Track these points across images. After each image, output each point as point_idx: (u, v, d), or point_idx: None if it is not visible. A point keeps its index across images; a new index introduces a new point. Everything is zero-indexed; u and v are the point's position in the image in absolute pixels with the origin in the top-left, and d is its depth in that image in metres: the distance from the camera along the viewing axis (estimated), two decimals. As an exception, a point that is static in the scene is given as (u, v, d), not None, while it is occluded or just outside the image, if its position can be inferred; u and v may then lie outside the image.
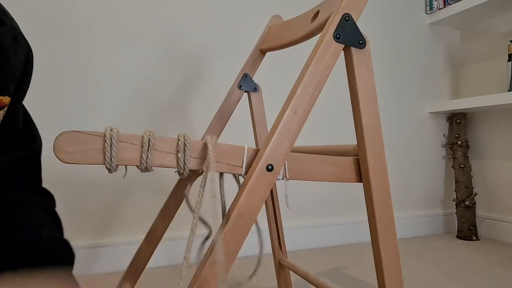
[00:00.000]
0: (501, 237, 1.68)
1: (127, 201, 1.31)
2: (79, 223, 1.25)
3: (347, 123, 1.62)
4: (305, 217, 1.57)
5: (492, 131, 1.76)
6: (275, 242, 0.95)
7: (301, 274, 0.84)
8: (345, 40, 0.52)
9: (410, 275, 1.22)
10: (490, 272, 1.25)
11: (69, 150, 0.40)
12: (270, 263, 1.03)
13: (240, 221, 0.46)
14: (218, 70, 1.44)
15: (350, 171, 0.56)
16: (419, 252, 1.50)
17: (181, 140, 0.46)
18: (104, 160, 0.42)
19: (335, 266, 1.32)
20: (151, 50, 1.36)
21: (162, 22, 1.37)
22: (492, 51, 1.77)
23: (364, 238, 1.62)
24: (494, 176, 1.75)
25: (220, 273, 0.42)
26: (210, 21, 1.44)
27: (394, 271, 0.55)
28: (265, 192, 0.47)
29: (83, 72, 1.26)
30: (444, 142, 1.88)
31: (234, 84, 0.87)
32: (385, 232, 0.54)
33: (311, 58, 0.50)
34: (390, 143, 1.75)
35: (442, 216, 1.86)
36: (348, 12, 0.51)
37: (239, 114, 0.94)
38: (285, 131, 0.48)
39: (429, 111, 1.85)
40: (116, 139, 0.42)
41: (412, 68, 1.83)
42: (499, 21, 1.74)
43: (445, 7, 1.77)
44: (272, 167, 0.47)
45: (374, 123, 0.54)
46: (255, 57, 0.87)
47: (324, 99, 1.58)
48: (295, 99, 0.49)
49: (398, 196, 1.76)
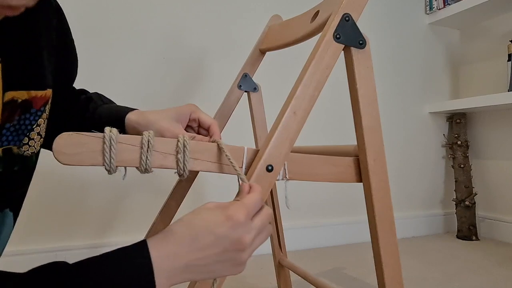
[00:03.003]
0: (500, 237, 1.68)
1: (127, 201, 1.31)
2: (79, 223, 1.25)
3: (347, 123, 1.62)
4: (305, 217, 1.57)
5: (492, 131, 1.76)
6: (275, 242, 0.95)
7: (301, 274, 0.84)
8: (345, 40, 0.52)
9: (410, 275, 1.22)
10: (490, 272, 1.25)
11: (68, 152, 0.40)
12: (270, 263, 1.03)
13: (240, 222, 0.45)
14: (217, 70, 1.44)
15: (350, 171, 0.56)
16: (419, 252, 1.50)
17: (181, 141, 0.46)
18: (103, 162, 0.42)
19: (335, 266, 1.32)
20: (151, 50, 1.36)
21: (162, 22, 1.37)
22: (492, 51, 1.77)
23: (364, 238, 1.61)
24: (493, 176, 1.75)
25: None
26: (209, 21, 1.44)
27: (394, 271, 0.55)
28: (265, 193, 0.47)
29: (83, 72, 1.26)
30: (444, 142, 1.88)
31: (234, 84, 0.87)
32: (385, 232, 0.54)
33: (311, 58, 0.50)
34: (390, 143, 1.75)
35: (442, 216, 1.86)
36: (348, 12, 0.51)
37: (239, 114, 0.94)
38: (285, 132, 0.48)
39: (429, 111, 1.85)
40: (115, 140, 0.42)
41: (412, 68, 1.83)
42: (499, 21, 1.74)
43: (445, 7, 1.76)
44: (272, 168, 0.47)
45: (374, 124, 0.54)
46: (254, 57, 0.87)
47: (324, 99, 1.57)
48: (295, 99, 0.49)
49: (398, 196, 1.75)
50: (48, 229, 1.22)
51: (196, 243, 0.38)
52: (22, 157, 0.51)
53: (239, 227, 0.39)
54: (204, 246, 0.38)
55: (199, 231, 0.39)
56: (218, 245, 0.39)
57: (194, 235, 0.38)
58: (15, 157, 0.50)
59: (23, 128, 0.50)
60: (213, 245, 0.38)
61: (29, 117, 0.50)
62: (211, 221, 0.39)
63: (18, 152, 0.50)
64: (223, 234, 0.38)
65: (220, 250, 0.39)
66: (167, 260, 0.37)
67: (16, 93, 0.47)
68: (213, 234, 0.38)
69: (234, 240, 0.39)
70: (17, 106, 0.48)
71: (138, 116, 0.60)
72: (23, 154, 0.51)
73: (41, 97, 0.51)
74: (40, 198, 1.20)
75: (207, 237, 0.38)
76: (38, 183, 1.13)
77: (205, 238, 0.38)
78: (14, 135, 0.49)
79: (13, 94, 0.47)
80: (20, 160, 0.51)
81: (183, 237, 0.38)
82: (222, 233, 0.38)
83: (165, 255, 0.37)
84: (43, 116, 0.52)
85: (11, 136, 0.49)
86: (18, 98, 0.48)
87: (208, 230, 0.39)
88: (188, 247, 0.38)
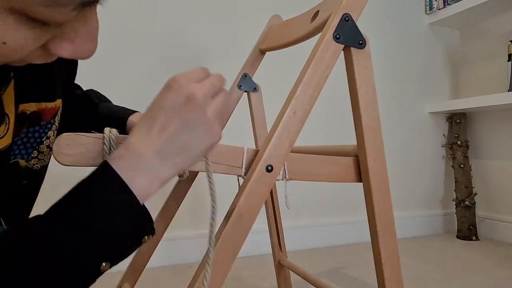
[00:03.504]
0: (500, 237, 1.68)
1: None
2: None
3: (347, 123, 1.62)
4: (305, 217, 1.57)
5: (492, 131, 1.76)
6: (275, 242, 0.95)
7: (301, 274, 0.84)
8: (345, 40, 0.51)
9: (410, 275, 1.22)
10: (490, 272, 1.25)
11: (68, 152, 0.40)
12: (270, 263, 1.03)
13: (240, 222, 0.45)
14: (217, 70, 1.43)
15: (350, 171, 0.56)
16: (419, 252, 1.50)
17: (181, 140, 0.46)
18: (103, 162, 0.42)
19: (335, 266, 1.32)
20: (151, 50, 1.36)
21: (162, 22, 1.37)
22: (492, 51, 1.77)
23: (364, 238, 1.61)
24: (493, 176, 1.74)
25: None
26: (210, 21, 1.44)
27: (394, 271, 0.55)
28: (264, 193, 0.47)
29: (83, 72, 1.26)
30: (444, 142, 1.88)
31: (234, 84, 0.87)
32: (385, 232, 0.54)
33: (310, 59, 0.50)
34: (390, 143, 1.75)
35: (442, 216, 1.86)
36: (348, 12, 0.51)
37: (239, 114, 0.94)
38: (284, 132, 0.48)
39: (429, 111, 1.85)
40: (115, 141, 0.42)
41: (412, 68, 1.83)
42: (499, 21, 1.74)
43: (445, 7, 1.76)
44: (272, 168, 0.47)
45: (373, 123, 0.54)
46: (254, 57, 0.87)
47: (324, 99, 1.57)
48: (295, 99, 0.49)
49: (398, 196, 1.75)
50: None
51: (153, 125, 0.37)
52: (30, 170, 0.50)
53: (184, 86, 0.37)
54: (162, 123, 0.36)
55: (151, 114, 0.37)
56: (172, 113, 0.37)
57: (148, 120, 0.37)
58: (23, 170, 0.49)
59: (31, 141, 0.48)
60: (168, 115, 0.36)
61: (39, 129, 0.49)
62: (158, 98, 0.38)
63: (27, 166, 0.49)
64: (171, 100, 0.37)
65: (177, 116, 0.37)
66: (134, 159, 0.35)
67: (25, 105, 0.46)
68: (162, 107, 0.37)
69: (183, 99, 0.37)
70: (25, 118, 0.47)
71: (139, 118, 0.59)
72: (32, 168, 0.50)
73: (51, 108, 0.50)
74: (39, 199, 1.20)
75: (159, 113, 0.37)
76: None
77: (158, 116, 0.37)
78: (22, 148, 0.48)
79: (23, 106, 0.46)
80: (28, 173, 0.50)
81: (140, 130, 0.37)
82: (169, 99, 0.37)
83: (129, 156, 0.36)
84: (53, 128, 0.51)
85: (18, 150, 0.47)
86: (27, 110, 0.47)
87: (158, 107, 0.37)
88: (147, 134, 0.36)
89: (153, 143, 0.36)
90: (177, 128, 0.37)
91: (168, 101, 0.37)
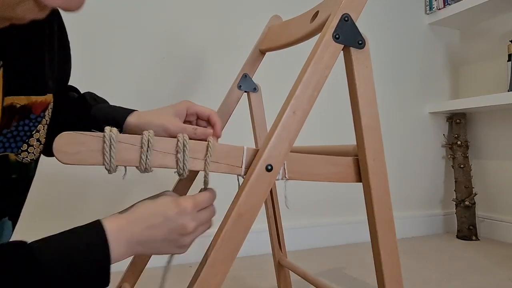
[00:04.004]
0: (500, 237, 1.68)
1: (127, 201, 1.31)
2: (79, 223, 1.25)
3: (346, 123, 1.62)
4: (305, 217, 1.57)
5: (492, 131, 1.76)
6: (275, 242, 0.95)
7: (301, 274, 0.84)
8: (344, 40, 0.52)
9: (410, 275, 1.22)
10: (490, 272, 1.25)
11: (68, 151, 0.40)
12: (270, 263, 1.03)
13: (240, 221, 0.46)
14: (217, 70, 1.44)
15: (350, 171, 0.56)
16: (419, 252, 1.50)
17: (181, 140, 0.46)
18: (103, 161, 0.42)
19: (335, 266, 1.32)
20: (151, 50, 1.36)
21: (162, 22, 1.37)
22: (492, 51, 1.77)
23: (364, 238, 1.61)
24: (493, 176, 1.75)
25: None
26: (210, 21, 1.44)
27: (394, 271, 0.55)
28: (264, 192, 0.47)
29: (83, 72, 1.26)
30: (444, 142, 1.88)
31: (234, 84, 0.87)
32: (385, 232, 0.54)
33: (310, 58, 0.50)
34: (389, 143, 1.75)
35: (442, 216, 1.86)
36: (347, 12, 0.51)
37: (239, 114, 0.94)
38: (284, 131, 0.48)
39: (429, 111, 1.85)
40: (115, 139, 0.42)
41: (411, 68, 1.83)
42: (499, 21, 1.74)
43: (445, 7, 1.76)
44: (272, 167, 0.47)
45: (373, 123, 0.54)
46: (254, 57, 0.87)
47: (323, 99, 1.58)
48: (294, 99, 0.49)
49: (397, 196, 1.75)
50: (48, 229, 1.21)
51: (148, 222, 0.45)
52: (20, 164, 0.50)
53: (185, 215, 0.46)
54: (154, 225, 0.45)
55: (152, 212, 0.46)
56: (165, 226, 0.45)
57: (146, 215, 0.46)
58: (13, 164, 0.49)
59: (21, 134, 0.49)
60: (162, 225, 0.45)
61: (28, 123, 0.49)
62: (164, 206, 0.46)
63: (16, 159, 0.49)
64: (171, 217, 0.46)
65: (167, 231, 0.46)
66: (122, 232, 0.44)
67: (15, 98, 0.47)
68: (162, 216, 0.46)
69: (179, 225, 0.46)
70: (15, 111, 0.47)
71: (137, 118, 0.60)
72: (21, 161, 0.50)
73: (41, 102, 0.50)
74: (39, 199, 1.20)
75: (157, 218, 0.46)
76: (38, 184, 1.13)
77: (156, 219, 0.45)
78: (12, 141, 0.48)
79: (13, 99, 0.46)
80: (19, 167, 0.50)
81: (138, 216, 0.46)
82: (170, 216, 0.46)
83: (119, 228, 0.44)
84: (42, 122, 0.52)
85: (8, 143, 0.48)
86: (17, 103, 0.47)
87: (159, 213, 0.46)
88: (142, 225, 0.45)
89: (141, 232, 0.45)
90: (163, 236, 0.46)
91: (169, 215, 0.46)
